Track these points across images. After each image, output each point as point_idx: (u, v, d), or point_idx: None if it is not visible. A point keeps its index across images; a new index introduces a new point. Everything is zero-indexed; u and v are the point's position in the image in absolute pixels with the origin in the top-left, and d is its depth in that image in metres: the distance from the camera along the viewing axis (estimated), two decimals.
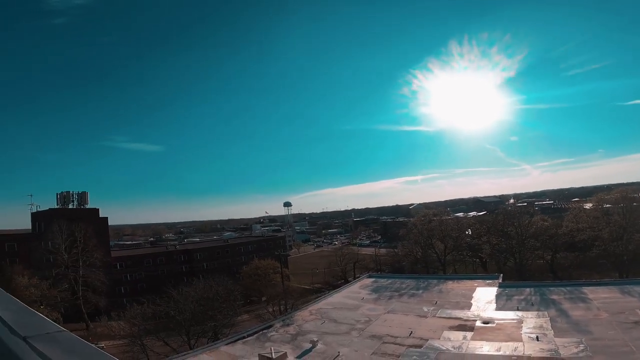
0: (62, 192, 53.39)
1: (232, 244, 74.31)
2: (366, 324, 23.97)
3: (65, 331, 2.32)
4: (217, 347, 21.22)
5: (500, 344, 18.87)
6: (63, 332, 2.31)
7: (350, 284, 36.48)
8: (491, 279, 32.30)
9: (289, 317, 26.70)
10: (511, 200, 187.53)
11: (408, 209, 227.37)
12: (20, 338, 2.18)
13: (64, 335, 2.25)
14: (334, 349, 20.22)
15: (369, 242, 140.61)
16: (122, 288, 54.57)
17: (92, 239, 45.96)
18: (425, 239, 52.42)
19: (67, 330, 2.40)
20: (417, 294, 30.24)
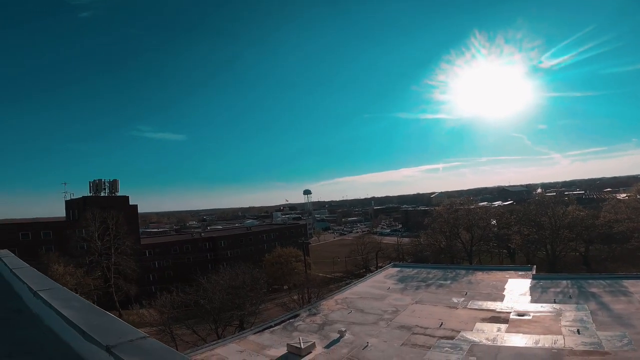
0: (95, 180, 55.24)
1: (255, 231, 75.04)
2: (394, 314, 23.68)
3: (148, 337, 2.13)
4: (246, 337, 21.49)
5: (539, 337, 18.18)
6: (147, 338, 2.11)
7: (375, 274, 36.21)
8: (524, 271, 31.20)
9: (315, 307, 26.74)
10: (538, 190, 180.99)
11: (429, 197, 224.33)
12: (103, 348, 2.03)
13: (149, 342, 2.06)
14: (362, 339, 20.08)
15: (390, 230, 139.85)
16: (151, 275, 55.86)
17: (124, 227, 47.09)
18: (451, 228, 51.19)
19: (150, 337, 2.19)
20: (446, 285, 29.62)
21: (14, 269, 5.91)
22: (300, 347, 18.60)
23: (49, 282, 4.45)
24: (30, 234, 46.94)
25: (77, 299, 3.25)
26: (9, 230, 46.27)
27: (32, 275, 5.12)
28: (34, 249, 44.55)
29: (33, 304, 3.99)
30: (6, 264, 7.32)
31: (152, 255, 56.28)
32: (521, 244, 47.54)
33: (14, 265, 6.54)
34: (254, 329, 22.69)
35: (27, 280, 4.56)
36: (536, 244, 46.47)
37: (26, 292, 4.38)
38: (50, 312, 3.11)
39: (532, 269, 31.14)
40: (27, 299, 4.35)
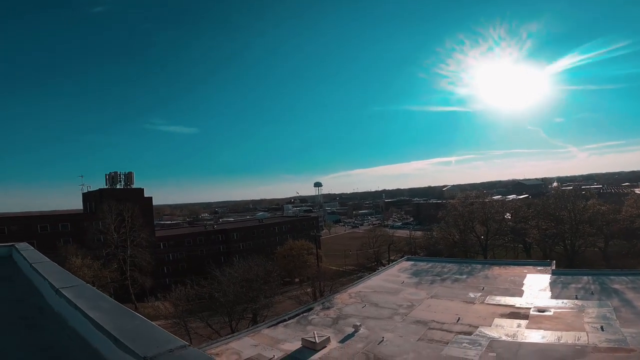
0: (110, 172, 55.75)
1: (267, 224, 75.05)
2: (409, 309, 23.40)
3: (189, 347, 1.90)
4: (260, 330, 21.47)
5: (561, 333, 17.68)
6: (188, 348, 1.87)
7: (389, 267, 35.89)
8: (542, 266, 30.46)
9: (329, 300, 26.61)
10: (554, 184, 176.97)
11: (441, 190, 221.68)
12: (139, 359, 1.81)
13: (191, 353, 1.83)
14: (377, 334, 19.86)
15: (401, 223, 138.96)
16: (165, 268, 56.24)
17: (139, 219, 47.45)
18: (465, 222, 50.29)
19: (190, 345, 1.95)
20: (461, 279, 29.14)
21: (34, 264, 5.78)
22: (315, 341, 18.50)
23: (71, 279, 4.26)
24: (49, 226, 47.90)
25: (104, 299, 3.04)
26: (28, 222, 47.35)
27: (53, 271, 4.94)
28: (52, 241, 45.52)
29: (55, 302, 3.81)
30: (25, 258, 7.19)
31: (166, 247, 56.81)
32: (539, 238, 46.38)
33: (33, 260, 6.43)
34: (267, 322, 22.68)
35: (48, 276, 4.41)
36: (554, 238, 45.26)
37: (48, 289, 4.25)
38: (75, 313, 2.91)
39: (552, 264, 30.41)
40: (49, 296, 4.19)
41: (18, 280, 6.30)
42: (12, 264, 9.01)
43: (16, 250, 9.75)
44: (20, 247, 9.80)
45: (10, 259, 9.89)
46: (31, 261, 6.13)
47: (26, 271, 6.56)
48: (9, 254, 10.39)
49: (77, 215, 53.14)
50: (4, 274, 7.58)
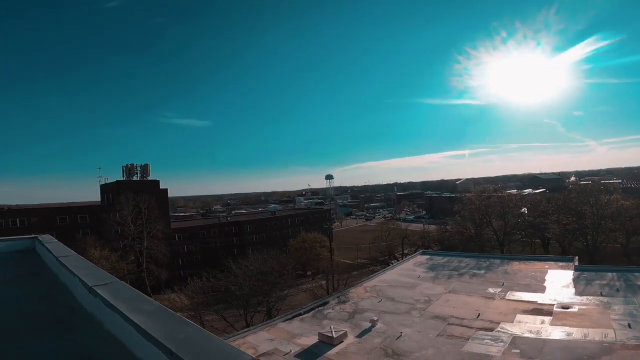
0: (127, 164, 56.36)
1: (280, 216, 75.01)
2: (426, 304, 23.05)
3: None
4: (276, 324, 21.43)
5: (587, 330, 17.14)
6: None
7: (404, 261, 35.49)
8: (564, 262, 29.61)
9: (344, 294, 26.45)
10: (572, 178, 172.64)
11: (454, 184, 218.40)
12: None
13: None
14: (394, 329, 19.61)
15: (413, 217, 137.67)
16: (179, 260, 56.58)
17: (155, 210, 47.80)
18: (483, 216, 49.23)
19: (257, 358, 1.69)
20: (480, 274, 28.57)
21: (60, 257, 5.55)
22: (332, 336, 18.37)
23: (104, 275, 3.93)
24: (68, 218, 48.95)
25: (145, 300, 2.72)
26: (48, 214, 48.39)
27: (83, 266, 4.66)
28: (71, 232, 46.44)
29: (88, 302, 3.50)
30: (50, 251, 6.89)
31: (180, 239, 57.32)
32: (559, 233, 45.08)
33: (59, 253, 6.20)
34: (283, 316, 22.62)
35: (77, 271, 4.15)
36: (574, 233, 43.91)
37: (78, 286, 3.93)
38: (113, 315, 2.64)
39: (574, 259, 29.52)
40: (81, 295, 3.88)
41: (43, 275, 6.04)
42: (35, 257, 8.66)
43: (39, 243, 9.25)
44: (43, 239, 9.26)
45: (34, 251, 9.47)
46: (57, 254, 5.82)
47: (52, 265, 6.26)
48: (32, 247, 9.98)
49: (95, 206, 53.99)
50: (27, 269, 7.31)
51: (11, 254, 9.25)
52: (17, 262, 8.36)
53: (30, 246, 9.96)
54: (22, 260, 8.54)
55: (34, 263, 7.85)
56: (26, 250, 9.80)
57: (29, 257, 8.73)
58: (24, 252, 9.61)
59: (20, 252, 9.57)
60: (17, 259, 8.74)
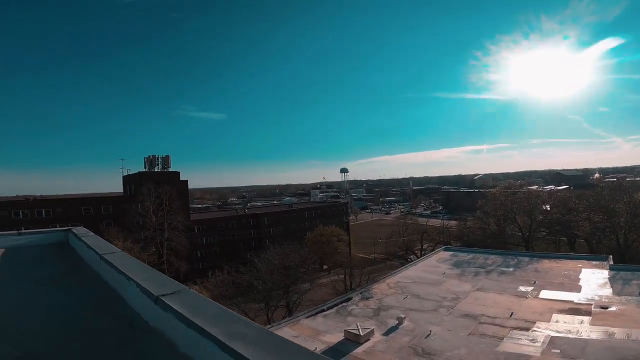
0: (149, 155, 56.56)
1: (297, 209, 74.63)
2: (454, 302, 22.32)
3: None
4: (299, 320, 21.08)
5: (630, 331, 16.17)
6: None
7: (426, 257, 34.67)
8: (598, 260, 28.24)
9: (367, 290, 25.96)
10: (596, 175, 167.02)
11: (472, 179, 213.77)
12: None
13: None
14: (422, 327, 19.01)
15: (430, 212, 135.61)
16: (198, 252, 56.65)
17: (176, 202, 48.14)
18: (508, 212, 47.57)
19: None
20: (508, 272, 27.57)
21: (105, 255, 4.97)
22: (359, 334, 17.89)
23: (165, 280, 3.30)
24: (92, 209, 49.93)
25: (233, 318, 2.27)
26: (73, 205, 49.50)
27: (135, 267, 4.06)
28: (95, 223, 47.30)
29: (152, 314, 2.87)
30: (91, 247, 6.20)
31: (199, 231, 57.66)
32: (589, 231, 43.17)
33: (101, 249, 5.56)
34: (306, 312, 22.26)
35: (133, 275, 3.51)
36: (604, 231, 41.91)
37: (137, 295, 3.29)
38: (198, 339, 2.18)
39: (608, 259, 28.12)
40: (142, 306, 3.23)
41: (86, 275, 5.42)
42: (70, 252, 7.98)
43: (73, 236, 8.48)
44: (78, 232, 8.40)
45: (67, 246, 8.72)
46: (100, 251, 5.27)
47: (92, 263, 5.69)
48: (65, 239, 9.21)
49: (118, 197, 54.96)
50: (64, 267, 6.59)
51: (43, 249, 8.56)
52: (51, 259, 7.67)
53: (63, 239, 9.29)
54: (56, 256, 7.86)
55: (70, 259, 7.26)
56: (59, 244, 9.12)
57: (63, 252, 8.07)
58: (57, 245, 8.94)
59: (53, 246, 8.88)
60: (49, 254, 8.04)
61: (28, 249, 8.24)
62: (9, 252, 7.86)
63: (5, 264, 6.96)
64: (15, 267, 6.70)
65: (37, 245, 8.88)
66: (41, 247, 8.63)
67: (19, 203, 48.98)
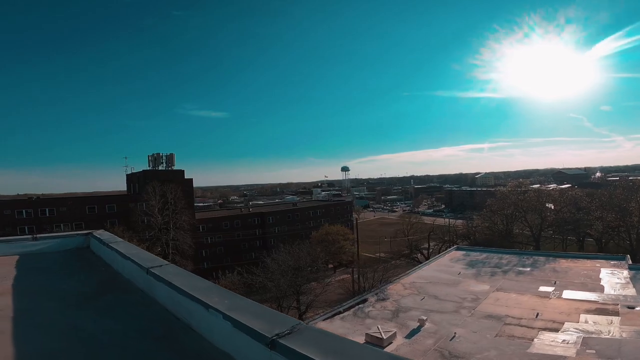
0: (153, 154, 55.79)
1: (302, 208, 73.86)
2: (475, 303, 21.79)
3: None
4: (316, 323, 20.54)
5: None
6: None
7: (439, 257, 34.16)
8: (616, 260, 27.77)
9: (382, 291, 25.42)
10: (598, 174, 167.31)
11: (474, 177, 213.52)
12: None
13: None
14: (446, 329, 18.48)
15: (432, 211, 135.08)
16: (203, 252, 55.74)
17: (181, 201, 47.36)
18: (515, 211, 47.02)
19: None
20: (526, 272, 27.06)
21: (152, 269, 4.07)
22: (382, 337, 17.37)
23: (225, 293, 2.89)
24: (97, 208, 49.19)
25: None
26: (77, 203, 48.75)
27: (184, 278, 3.57)
28: (100, 222, 46.68)
29: (203, 320, 2.56)
30: (128, 257, 5.28)
31: (204, 230, 56.88)
32: (602, 230, 42.64)
33: (146, 261, 4.62)
34: (323, 315, 21.70)
35: (192, 289, 2.99)
36: (618, 231, 41.38)
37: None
38: None
39: (626, 258, 27.68)
40: (193, 314, 2.88)
41: (129, 293, 4.48)
42: (96, 261, 6.79)
43: (97, 241, 7.23)
44: (103, 237, 7.27)
45: (90, 253, 7.47)
46: (145, 264, 4.37)
47: (135, 278, 4.75)
48: (86, 245, 7.93)
49: (122, 196, 54.17)
50: (92, 279, 5.50)
51: (62, 256, 7.23)
52: (74, 268, 6.39)
53: (83, 244, 7.99)
54: (80, 265, 6.58)
55: (98, 270, 6.10)
56: (80, 250, 7.72)
57: (86, 261, 6.86)
58: (78, 252, 7.55)
59: (73, 253, 7.53)
60: (71, 263, 6.83)
61: (46, 257, 7.18)
62: (23, 260, 6.79)
63: (22, 276, 5.77)
64: (35, 279, 5.61)
65: (55, 251, 7.65)
66: (60, 254, 7.43)
67: (22, 202, 48.19)
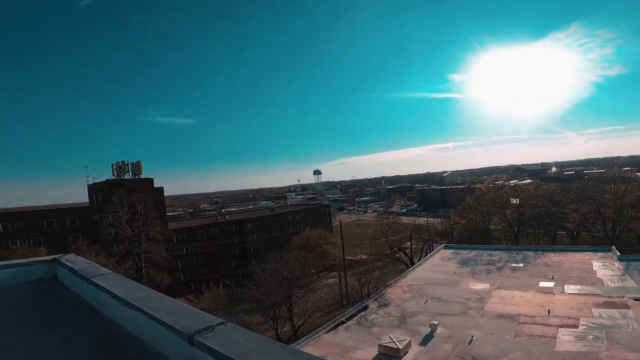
0: (118, 162, 51.53)
1: (281, 213, 71.83)
2: (481, 302, 21.23)
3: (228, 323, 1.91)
4: (320, 336, 18.99)
5: None
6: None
7: (429, 257, 33.76)
8: (602, 252, 28.63)
9: (382, 296, 24.35)
10: (553, 169, 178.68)
11: (441, 176, 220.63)
12: None
13: None
14: (460, 332, 17.66)
15: (406, 210, 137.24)
16: (179, 263, 52.79)
17: (152, 211, 44.26)
18: (497, 207, 48.17)
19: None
20: (520, 268, 27.09)
21: None
22: (398, 347, 16.19)
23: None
24: (56, 222, 44.39)
25: None
26: (34, 217, 43.75)
27: None
28: (59, 237, 42.33)
29: None
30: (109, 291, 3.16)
31: (179, 240, 53.41)
32: (579, 223, 44.51)
33: (126, 292, 2.97)
34: (326, 326, 20.16)
35: None
36: (595, 223, 43.34)
37: None
38: None
39: (612, 249, 28.56)
40: None
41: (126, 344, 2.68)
42: (70, 298, 4.19)
43: (64, 268, 4.74)
44: (72, 262, 4.76)
45: (57, 285, 4.82)
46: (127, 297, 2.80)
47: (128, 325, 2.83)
48: (51, 274, 5.10)
49: (85, 208, 49.43)
50: (69, 329, 3.26)
51: (22, 290, 4.65)
52: (40, 312, 3.90)
53: (47, 273, 5.11)
54: (47, 305, 4.13)
55: (75, 314, 3.63)
56: (43, 282, 4.94)
57: (56, 298, 4.28)
58: (42, 284, 4.86)
59: (36, 286, 4.81)
60: (35, 303, 4.22)
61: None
62: None
63: None
64: None
65: (7, 285, 4.83)
66: (13, 290, 4.69)
67: None
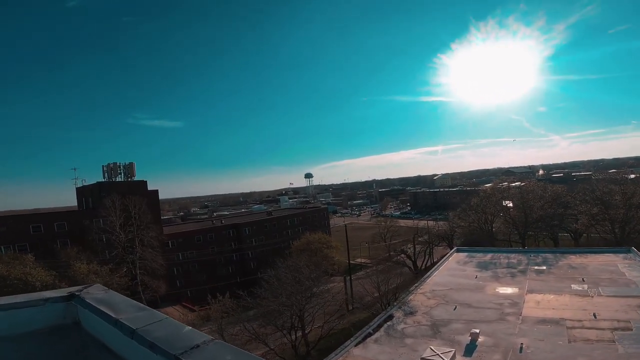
0: (109, 163, 48.57)
1: (279, 217, 69.69)
2: (515, 307, 20.09)
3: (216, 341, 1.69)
4: (348, 351, 17.46)
5: None
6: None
7: (443, 261, 32.54)
8: (622, 253, 28.04)
9: (406, 304, 22.94)
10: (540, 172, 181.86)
11: (432, 179, 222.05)
12: None
13: None
14: (505, 340, 16.44)
15: (400, 213, 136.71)
16: (175, 269, 50.33)
17: (147, 215, 41.60)
18: (504, 210, 47.59)
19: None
20: (544, 270, 26.17)
21: None
22: (444, 359, 14.83)
23: None
24: (42, 227, 41.36)
25: None
26: (19, 222, 40.55)
27: None
28: (47, 243, 39.58)
29: None
30: None
31: (174, 246, 50.83)
32: (588, 224, 44.32)
33: None
34: (354, 339, 18.57)
35: None
36: (603, 224, 43.22)
37: None
38: None
39: (632, 250, 27.99)
40: None
41: None
42: None
43: (85, 308, 2.42)
44: (99, 298, 2.51)
45: (79, 333, 2.45)
46: None
47: None
48: (69, 319, 2.51)
49: (73, 212, 46.37)
50: None
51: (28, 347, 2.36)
52: None
53: (64, 317, 2.47)
54: None
55: None
56: (59, 330, 2.44)
57: None
58: (56, 335, 2.42)
59: (47, 337, 2.39)
60: None
61: None
62: None
63: None
64: None
65: (14, 336, 2.37)
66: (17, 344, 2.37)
67: None
